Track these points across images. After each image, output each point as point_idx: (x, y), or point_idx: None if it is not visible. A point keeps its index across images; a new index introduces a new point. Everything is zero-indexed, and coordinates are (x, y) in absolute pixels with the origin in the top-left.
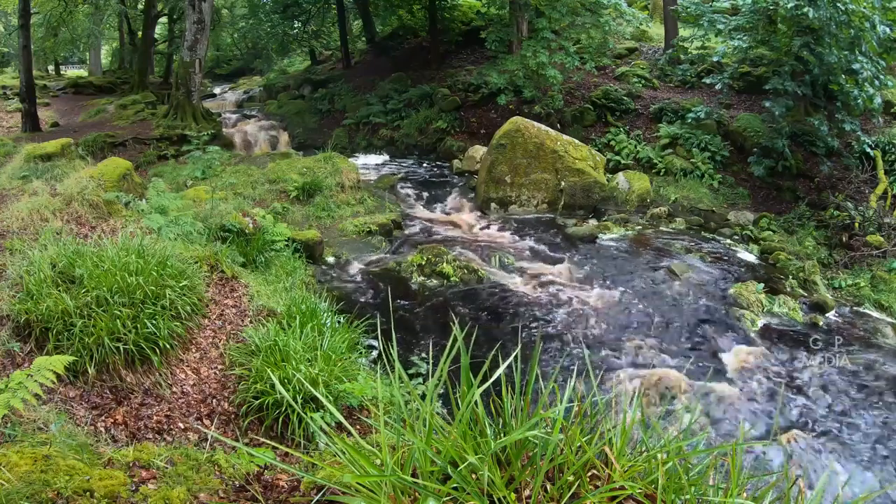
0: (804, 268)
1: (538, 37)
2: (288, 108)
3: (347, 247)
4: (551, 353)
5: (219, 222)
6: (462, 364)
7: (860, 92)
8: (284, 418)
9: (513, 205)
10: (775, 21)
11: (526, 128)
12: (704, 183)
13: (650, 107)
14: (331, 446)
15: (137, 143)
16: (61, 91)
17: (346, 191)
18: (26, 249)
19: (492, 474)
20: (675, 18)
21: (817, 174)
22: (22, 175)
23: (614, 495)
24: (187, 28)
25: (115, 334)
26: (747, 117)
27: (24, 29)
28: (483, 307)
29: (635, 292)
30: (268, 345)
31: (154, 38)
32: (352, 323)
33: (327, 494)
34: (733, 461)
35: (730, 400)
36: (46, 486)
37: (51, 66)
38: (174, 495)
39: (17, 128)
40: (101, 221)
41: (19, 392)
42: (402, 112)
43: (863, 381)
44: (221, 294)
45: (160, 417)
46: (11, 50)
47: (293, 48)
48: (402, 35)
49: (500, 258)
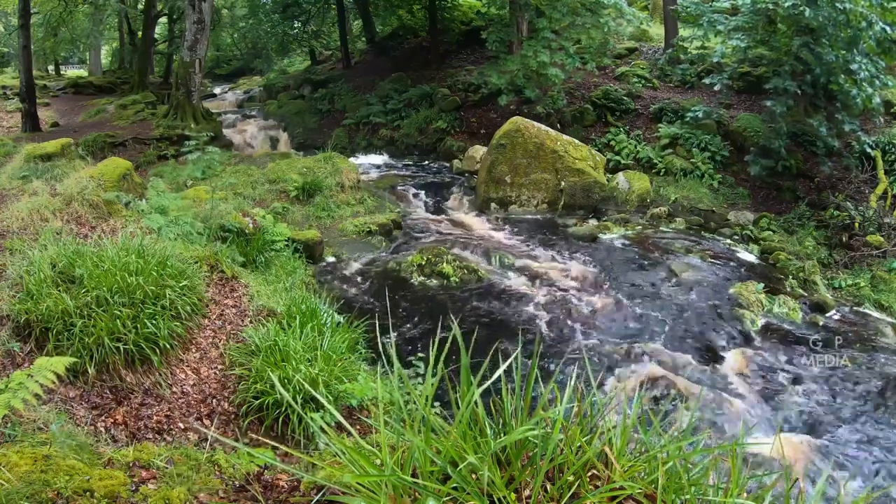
0: (804, 268)
1: (539, 37)
2: (288, 108)
3: (347, 247)
4: (551, 352)
5: (219, 222)
6: (462, 364)
7: (859, 92)
8: (284, 418)
9: (513, 205)
10: (775, 21)
11: (526, 128)
12: (704, 183)
13: (650, 107)
14: (331, 446)
15: (137, 143)
16: (61, 91)
17: (346, 191)
18: (26, 249)
19: (492, 474)
20: (675, 18)
21: (817, 174)
22: (22, 175)
23: (614, 495)
24: (187, 28)
25: (115, 334)
26: (747, 117)
27: (24, 29)
28: (483, 307)
29: (635, 292)
30: (268, 345)
31: (154, 38)
32: (352, 323)
33: (327, 494)
34: (733, 461)
35: (730, 400)
36: (46, 486)
37: (51, 66)
38: (174, 495)
39: (17, 128)
40: (101, 221)
41: (20, 392)
42: (402, 112)
43: (863, 381)
44: (221, 294)
45: (160, 417)
46: (11, 50)
47: (293, 48)
48: (402, 35)
49: (500, 258)
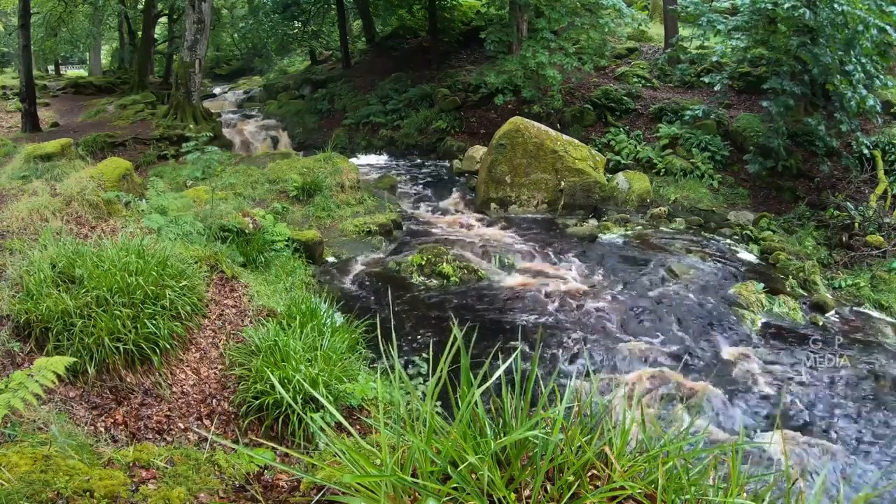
0: (804, 268)
1: (538, 37)
2: (288, 108)
3: (347, 247)
4: (551, 352)
5: (219, 222)
6: (462, 364)
7: (853, 93)
8: (284, 418)
9: (513, 205)
10: (775, 21)
11: (526, 128)
12: (704, 183)
13: (650, 107)
14: (331, 446)
15: (137, 143)
16: (61, 91)
17: (345, 191)
18: (26, 249)
19: (492, 474)
20: (674, 18)
21: (817, 174)
22: (22, 175)
23: (614, 495)
24: (187, 28)
25: (115, 334)
26: (747, 117)
27: (24, 29)
28: (483, 307)
29: (635, 292)
30: (268, 345)
31: (154, 38)
32: (352, 323)
33: (327, 494)
34: (733, 461)
35: (730, 400)
36: (46, 486)
37: (51, 66)
38: (174, 495)
39: (17, 128)
40: (101, 221)
41: (20, 392)
42: (402, 112)
43: (863, 380)
44: (221, 294)
45: (160, 417)
46: (11, 50)
47: (293, 48)
48: (402, 35)
49: (500, 258)
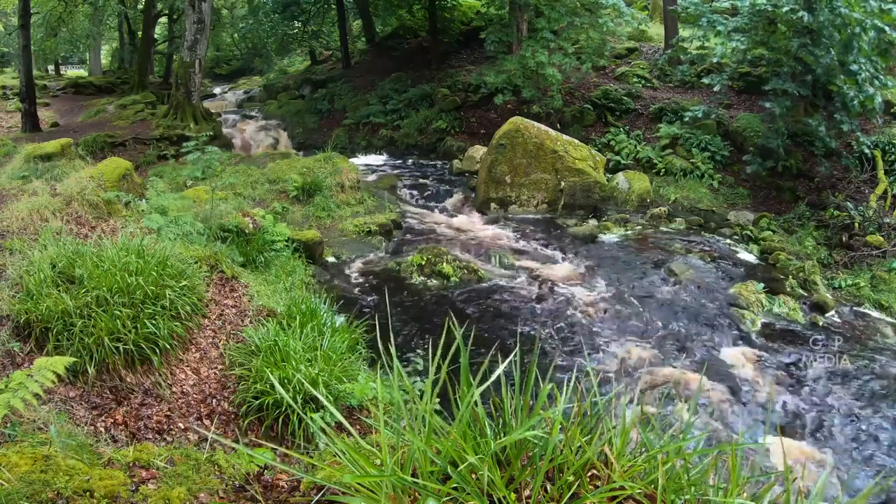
0: (804, 268)
1: (537, 37)
2: (288, 108)
3: (347, 247)
4: (551, 352)
5: (219, 222)
6: (462, 364)
7: (857, 93)
8: (284, 418)
9: (513, 205)
10: (774, 22)
11: (526, 128)
12: (704, 183)
13: (650, 107)
14: (331, 446)
15: (137, 143)
16: (61, 91)
17: (345, 191)
18: (26, 249)
19: (492, 474)
20: (674, 18)
21: (817, 174)
22: (22, 175)
23: (614, 495)
24: (187, 28)
25: (115, 334)
26: (747, 117)
27: (24, 29)
28: (483, 307)
29: (635, 292)
30: (268, 345)
31: (154, 38)
32: (352, 323)
33: (327, 494)
34: (733, 461)
35: (730, 400)
36: (46, 486)
37: (51, 66)
38: (174, 495)
39: (17, 128)
40: (101, 221)
41: (20, 392)
42: (401, 112)
43: (863, 381)
44: (221, 294)
45: (160, 417)
46: (11, 50)
47: (293, 48)
48: (402, 35)
49: (500, 258)
